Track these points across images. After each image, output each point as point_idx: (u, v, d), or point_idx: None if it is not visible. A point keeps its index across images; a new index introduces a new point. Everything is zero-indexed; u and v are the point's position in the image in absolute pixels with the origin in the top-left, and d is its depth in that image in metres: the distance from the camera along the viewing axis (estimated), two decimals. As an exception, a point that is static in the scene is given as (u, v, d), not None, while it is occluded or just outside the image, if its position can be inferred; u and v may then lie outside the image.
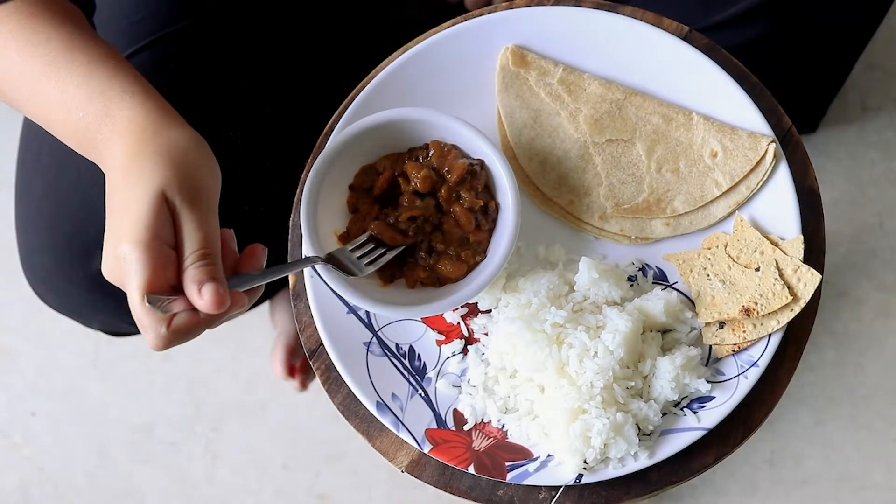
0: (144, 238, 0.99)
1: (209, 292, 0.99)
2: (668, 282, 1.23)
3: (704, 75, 1.24)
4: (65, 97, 1.10)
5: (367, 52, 1.36)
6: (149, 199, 1.00)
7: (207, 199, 1.03)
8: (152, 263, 0.98)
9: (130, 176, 1.03)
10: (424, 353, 1.22)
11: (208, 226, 1.02)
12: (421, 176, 1.19)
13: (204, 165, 1.06)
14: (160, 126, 1.07)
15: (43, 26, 1.12)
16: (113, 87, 1.09)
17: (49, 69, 1.11)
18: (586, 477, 1.15)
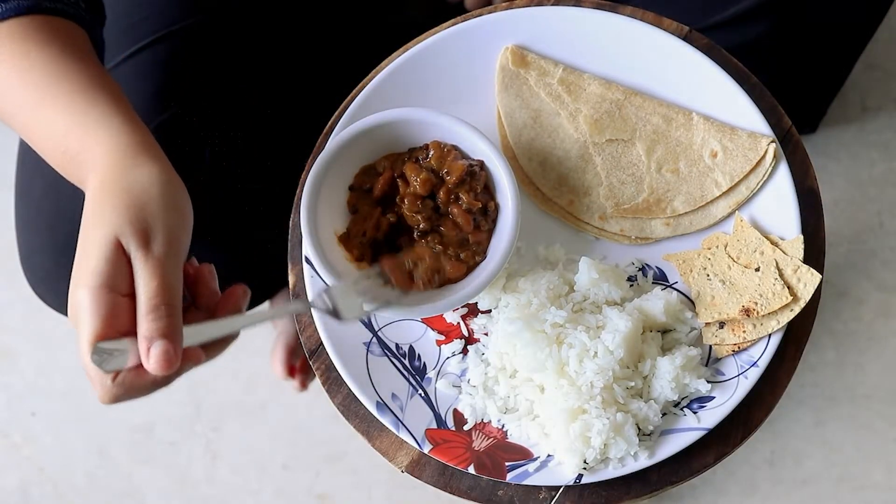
0: (95, 285, 0.95)
1: (156, 352, 0.94)
2: (668, 282, 1.23)
3: (704, 75, 1.24)
4: (49, 128, 1.09)
5: (367, 52, 1.36)
6: (103, 245, 0.97)
7: (168, 243, 0.99)
8: (102, 313, 0.95)
9: (92, 218, 1.00)
10: (424, 353, 1.22)
11: (164, 272, 0.97)
12: (420, 179, 1.19)
13: (167, 206, 1.01)
14: (127, 163, 1.03)
15: (35, 51, 1.11)
16: (89, 120, 1.07)
17: (35, 97, 1.09)
18: (586, 477, 1.15)
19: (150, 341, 0.94)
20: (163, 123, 1.25)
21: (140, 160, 1.04)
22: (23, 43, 1.11)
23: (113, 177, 1.02)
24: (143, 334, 0.95)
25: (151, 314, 0.95)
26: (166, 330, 0.95)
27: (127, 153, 1.04)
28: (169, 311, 0.96)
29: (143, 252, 0.97)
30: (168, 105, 1.37)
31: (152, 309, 0.95)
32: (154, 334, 0.95)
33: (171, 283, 0.97)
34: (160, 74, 1.39)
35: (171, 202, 1.01)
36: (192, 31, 1.41)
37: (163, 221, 0.99)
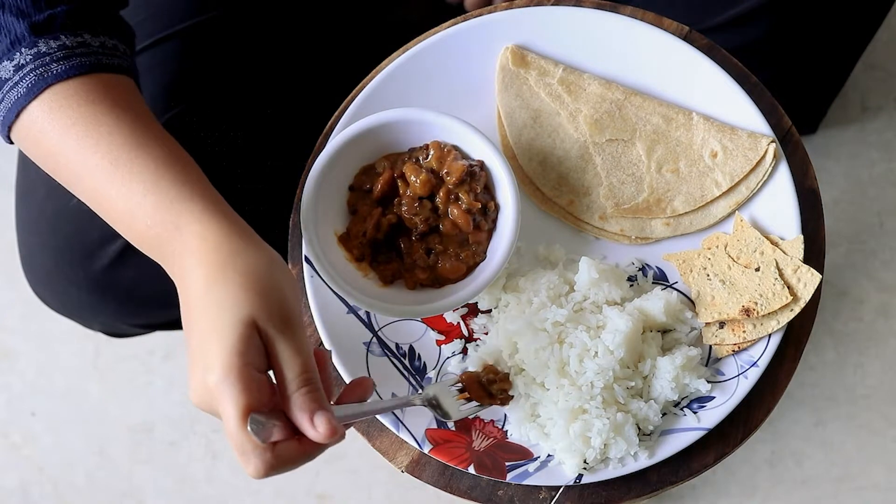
0: (237, 364, 0.96)
1: (322, 423, 0.96)
2: (668, 282, 1.23)
3: (704, 75, 1.24)
4: (129, 204, 1.07)
5: (367, 52, 1.36)
6: (238, 327, 0.97)
7: (301, 324, 1.00)
8: (248, 390, 0.95)
9: (213, 303, 0.99)
10: (424, 353, 1.22)
11: (306, 350, 0.99)
12: (420, 180, 1.19)
13: (287, 286, 1.02)
14: (236, 247, 1.02)
15: (104, 116, 1.09)
16: (181, 198, 1.05)
17: (112, 170, 1.07)
18: (586, 477, 1.15)
19: (311, 413, 0.97)
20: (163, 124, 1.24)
21: (250, 242, 1.03)
22: (88, 108, 1.09)
23: (224, 260, 1.01)
24: (301, 407, 0.97)
25: (304, 388, 0.97)
26: (322, 402, 0.98)
27: (232, 236, 1.03)
28: (317, 387, 0.99)
29: (284, 332, 0.99)
30: (169, 105, 1.37)
31: (304, 383, 0.98)
32: (314, 406, 0.97)
33: (312, 361, 1.00)
34: (160, 75, 1.39)
35: (289, 281, 1.03)
36: (192, 31, 1.41)
37: (293, 304, 1.01)
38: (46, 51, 1.10)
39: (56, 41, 1.10)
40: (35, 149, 1.13)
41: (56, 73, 1.09)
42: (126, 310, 1.46)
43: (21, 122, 1.12)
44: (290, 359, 0.98)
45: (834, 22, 1.54)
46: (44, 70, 1.09)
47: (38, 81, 1.09)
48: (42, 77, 1.09)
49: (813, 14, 1.50)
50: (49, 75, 1.09)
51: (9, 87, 1.10)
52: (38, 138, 1.11)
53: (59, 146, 1.10)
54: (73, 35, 1.11)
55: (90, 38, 1.12)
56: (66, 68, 1.10)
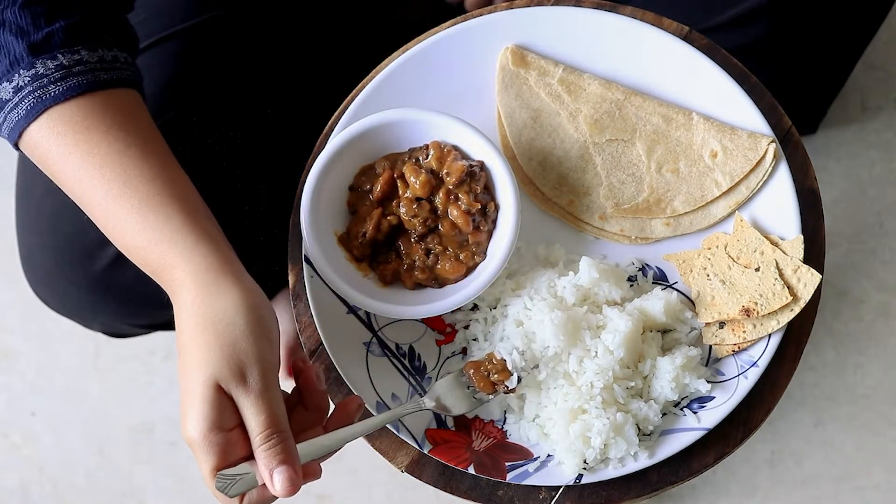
0: (203, 430, 1.01)
1: (280, 479, 1.00)
2: (668, 282, 1.23)
3: (704, 75, 1.24)
4: (126, 236, 1.10)
5: (367, 52, 1.36)
6: (203, 391, 1.01)
7: (263, 376, 1.02)
8: (216, 451, 1.01)
9: (187, 363, 1.03)
10: (424, 353, 1.22)
11: (268, 404, 1.02)
12: (420, 181, 1.19)
13: (256, 338, 1.04)
14: (211, 290, 1.05)
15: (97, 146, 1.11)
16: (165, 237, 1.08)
17: (105, 203, 1.10)
18: (586, 477, 1.15)
19: (271, 470, 1.01)
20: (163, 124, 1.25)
21: (221, 286, 1.05)
22: (87, 133, 1.11)
23: (200, 308, 1.04)
24: (263, 465, 1.01)
25: (265, 445, 1.01)
26: (283, 456, 1.01)
27: (209, 279, 1.06)
28: (281, 438, 1.02)
29: (243, 390, 1.02)
30: (168, 105, 1.37)
31: (265, 440, 1.01)
32: (273, 463, 1.01)
33: (274, 411, 1.02)
34: (160, 75, 1.39)
35: (257, 331, 1.04)
36: (192, 31, 1.41)
37: (254, 356, 1.03)
38: (44, 72, 1.11)
39: (53, 61, 1.11)
40: (41, 166, 1.16)
41: (54, 95, 1.11)
42: (126, 310, 1.46)
43: (24, 142, 1.14)
44: (250, 416, 1.02)
45: (834, 22, 1.54)
46: (41, 93, 1.11)
47: (37, 104, 1.11)
48: (40, 100, 1.11)
49: (813, 14, 1.50)
50: (47, 98, 1.11)
51: (9, 108, 1.12)
52: (41, 159, 1.14)
53: (60, 171, 1.13)
54: (70, 53, 1.12)
55: (87, 54, 1.13)
56: (63, 90, 1.11)
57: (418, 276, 1.20)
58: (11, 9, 1.10)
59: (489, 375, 1.16)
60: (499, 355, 1.16)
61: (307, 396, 1.08)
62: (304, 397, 1.09)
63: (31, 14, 1.11)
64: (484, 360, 1.16)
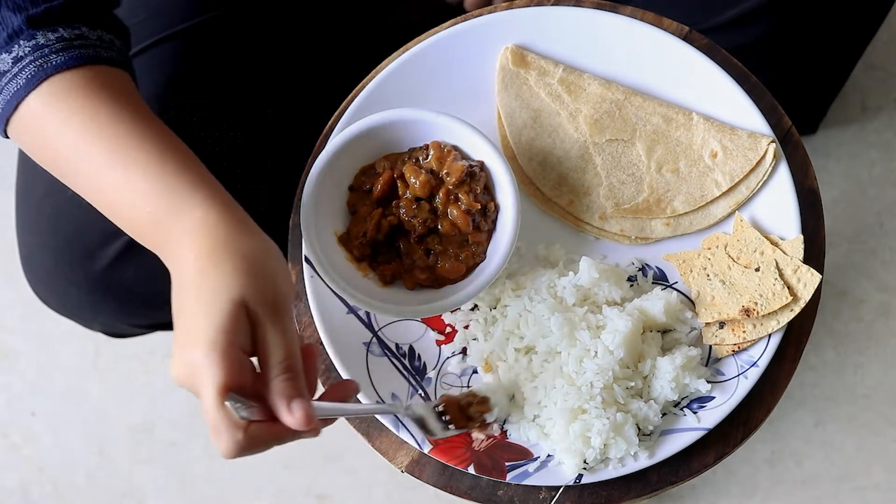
0: (222, 341, 0.97)
1: (299, 409, 0.97)
2: (668, 282, 1.23)
3: (704, 75, 1.24)
4: (128, 191, 1.08)
5: (367, 52, 1.36)
6: (228, 306, 0.98)
7: (288, 311, 1.02)
8: (230, 367, 0.96)
9: (205, 283, 1.00)
10: (424, 353, 1.22)
11: (292, 338, 1.00)
12: (420, 181, 1.19)
13: (280, 274, 1.03)
14: (234, 231, 1.04)
15: (104, 107, 1.09)
16: (182, 185, 1.06)
17: (113, 157, 1.08)
18: (586, 477, 1.15)
19: (290, 399, 0.98)
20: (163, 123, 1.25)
21: (247, 230, 1.05)
22: (88, 98, 1.10)
23: (221, 242, 1.02)
24: (280, 392, 0.98)
25: (285, 374, 0.98)
26: (301, 391, 0.99)
27: (231, 221, 1.05)
28: (299, 376, 1.00)
29: (273, 316, 1.00)
30: (168, 105, 1.37)
31: (286, 370, 0.99)
32: (293, 392, 0.98)
33: (297, 350, 1.01)
34: (160, 75, 1.39)
35: (283, 270, 1.04)
36: (192, 31, 1.41)
37: (283, 291, 1.02)
38: (45, 42, 1.10)
39: (54, 33, 1.11)
40: (32, 141, 1.14)
41: (55, 63, 1.10)
42: (126, 310, 1.46)
43: (19, 114, 1.12)
44: (276, 344, 0.99)
45: (834, 22, 1.54)
46: (43, 61, 1.10)
47: (38, 73, 1.10)
48: (41, 68, 1.10)
49: (813, 14, 1.50)
50: (48, 66, 1.10)
51: (7, 79, 1.11)
52: (36, 130, 1.12)
53: (57, 137, 1.10)
54: (70, 28, 1.12)
55: (88, 30, 1.13)
56: (66, 59, 1.10)
57: (418, 276, 1.20)
58: None
59: (468, 407, 1.14)
60: (480, 394, 1.15)
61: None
62: None
63: None
64: (463, 395, 1.15)
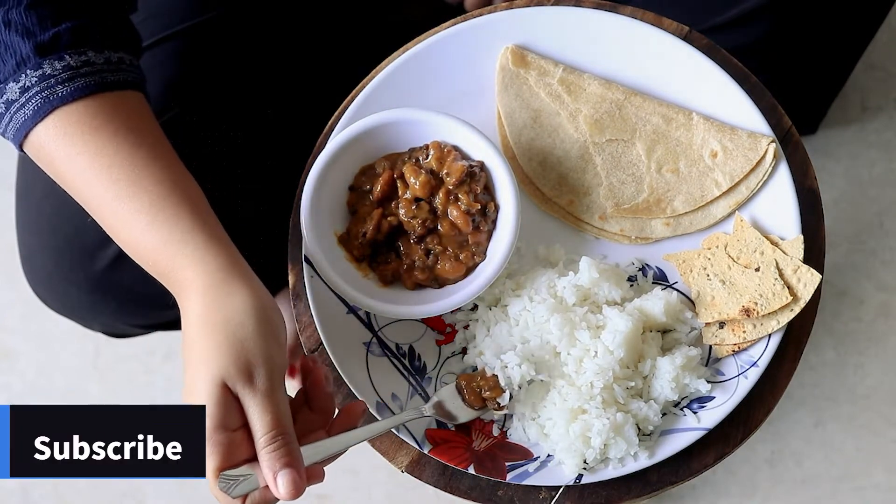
0: (210, 428, 1.00)
1: (284, 482, 1.00)
2: (668, 282, 1.23)
3: (704, 75, 1.24)
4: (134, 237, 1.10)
5: (367, 52, 1.36)
6: (209, 390, 1.00)
7: (270, 376, 1.02)
8: (220, 451, 1.00)
9: (193, 359, 1.03)
10: (424, 353, 1.22)
11: (274, 405, 1.01)
12: (420, 181, 1.19)
13: (265, 337, 1.03)
14: (222, 291, 1.05)
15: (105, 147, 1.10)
16: (174, 239, 1.08)
17: (114, 204, 1.10)
18: (586, 477, 1.15)
19: (275, 473, 1.00)
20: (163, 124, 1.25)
21: (232, 287, 1.05)
22: (95, 133, 1.10)
23: (208, 309, 1.04)
24: (267, 466, 1.00)
25: (270, 446, 1.00)
26: (287, 459, 1.01)
27: (218, 279, 1.05)
28: (286, 440, 1.01)
29: (250, 390, 1.01)
30: (169, 105, 1.37)
31: (270, 441, 1.00)
32: (277, 466, 1.00)
33: (280, 412, 1.02)
34: (160, 75, 1.39)
35: (266, 331, 1.04)
36: (193, 31, 1.41)
37: (262, 356, 1.02)
38: (51, 73, 1.11)
39: (61, 62, 1.11)
40: (46, 167, 1.15)
41: (61, 95, 1.10)
42: (126, 310, 1.46)
43: (30, 142, 1.13)
44: (255, 417, 1.01)
45: (834, 22, 1.54)
46: (49, 93, 1.10)
47: (44, 104, 1.10)
48: (47, 100, 1.10)
49: (813, 14, 1.50)
50: (54, 98, 1.10)
51: (16, 108, 1.12)
52: (47, 160, 1.13)
53: (67, 173, 1.12)
54: (77, 54, 1.12)
55: (94, 55, 1.13)
56: (71, 91, 1.11)
57: (418, 277, 1.20)
58: (17, 9, 1.10)
59: (481, 392, 1.16)
60: (489, 371, 1.16)
61: (314, 398, 1.08)
62: (310, 399, 1.09)
63: (38, 15, 1.11)
64: (476, 374, 1.17)
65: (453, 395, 1.17)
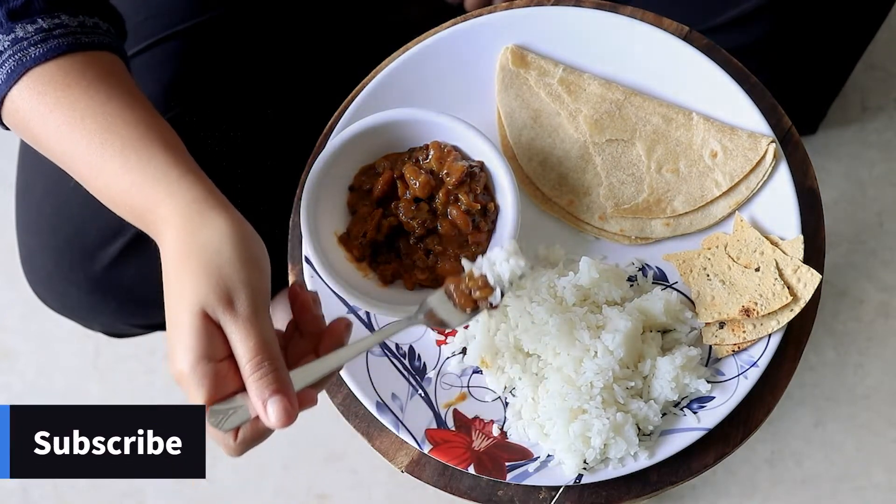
0: (192, 361, 0.96)
1: (274, 410, 0.96)
2: (668, 282, 1.23)
3: (704, 75, 1.24)
4: (111, 185, 1.08)
5: (367, 52, 1.36)
6: (190, 321, 0.97)
7: (251, 301, 0.99)
8: (206, 384, 0.96)
9: (174, 287, 1.00)
10: (424, 353, 1.22)
11: (257, 329, 0.98)
12: (420, 182, 1.19)
13: (243, 263, 1.00)
14: (196, 222, 1.02)
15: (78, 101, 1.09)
16: (148, 176, 1.06)
17: (88, 154, 1.08)
18: (586, 477, 1.15)
19: (264, 401, 0.96)
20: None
21: (208, 217, 1.03)
22: (67, 89, 1.10)
23: (185, 240, 1.01)
24: (256, 394, 0.96)
25: (256, 373, 0.97)
26: (276, 385, 0.96)
27: (193, 210, 1.03)
28: (273, 366, 0.97)
29: (231, 316, 0.98)
30: (168, 105, 1.37)
31: (255, 368, 0.97)
32: (265, 393, 0.96)
33: (265, 338, 0.98)
34: (160, 75, 1.39)
35: (244, 257, 1.01)
36: (193, 31, 1.41)
37: (241, 280, 0.99)
38: (23, 35, 1.10)
39: (33, 24, 1.11)
40: (23, 133, 1.14)
41: (34, 56, 1.10)
42: (126, 310, 1.46)
43: (6, 109, 1.13)
44: (239, 343, 0.98)
45: (834, 22, 1.54)
46: (22, 55, 1.10)
47: (17, 67, 1.10)
48: (20, 62, 1.10)
49: (813, 14, 1.50)
50: (27, 59, 1.10)
51: None
52: (23, 124, 1.13)
53: (42, 132, 1.11)
54: (50, 17, 1.12)
55: (67, 18, 1.12)
56: (44, 51, 1.10)
57: (418, 277, 1.20)
58: None
59: (470, 293, 1.14)
60: (477, 272, 1.12)
61: (303, 322, 1.05)
62: (300, 324, 1.05)
63: None
64: (464, 276, 1.13)
65: (443, 300, 1.12)
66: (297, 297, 1.05)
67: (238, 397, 0.98)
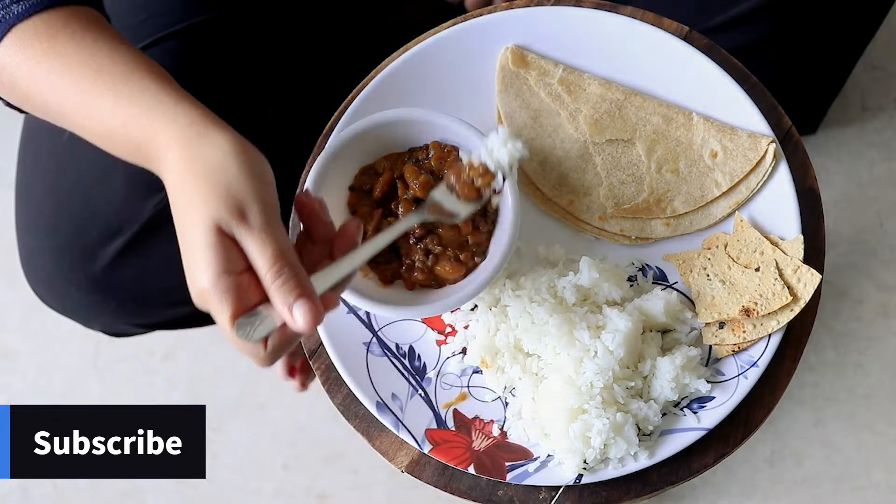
0: (212, 277, 0.97)
1: (301, 312, 0.96)
2: (668, 282, 1.23)
3: (704, 75, 1.24)
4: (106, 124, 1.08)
5: (367, 52, 1.36)
6: (206, 236, 0.98)
7: (264, 211, 1.00)
8: (230, 298, 0.96)
9: (182, 214, 1.00)
10: (424, 353, 1.22)
11: (273, 238, 0.98)
12: (420, 182, 1.19)
13: (250, 176, 1.01)
14: (197, 142, 1.02)
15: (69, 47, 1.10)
16: (143, 108, 1.06)
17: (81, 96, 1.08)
18: (586, 477, 1.15)
19: (289, 306, 0.96)
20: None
21: (208, 136, 1.03)
22: (52, 41, 1.10)
23: (188, 161, 1.01)
24: (280, 301, 0.97)
25: (278, 280, 0.97)
26: (299, 290, 0.97)
27: (192, 131, 1.03)
28: (293, 272, 0.97)
29: (245, 228, 0.98)
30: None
31: (277, 275, 0.97)
32: (290, 298, 0.96)
33: (282, 245, 0.98)
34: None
35: (250, 171, 1.02)
36: (193, 31, 1.41)
37: (251, 193, 1.00)
38: None
39: None
40: (12, 93, 1.14)
41: (17, 13, 1.10)
42: (126, 310, 1.46)
43: None
44: (255, 253, 0.98)
45: (834, 22, 1.54)
46: (4, 13, 1.11)
47: (0, 25, 1.10)
48: (3, 20, 1.11)
49: (813, 14, 1.50)
50: (10, 17, 1.11)
51: None
52: (10, 81, 1.13)
53: (31, 85, 1.11)
54: None
55: None
56: (26, 7, 1.11)
57: (418, 277, 1.20)
58: None
59: (473, 182, 1.13)
60: (476, 161, 1.12)
61: (313, 229, 1.05)
62: (310, 231, 1.06)
63: None
64: (464, 166, 1.12)
65: (446, 194, 1.12)
66: (304, 205, 1.06)
67: (261, 308, 0.98)
